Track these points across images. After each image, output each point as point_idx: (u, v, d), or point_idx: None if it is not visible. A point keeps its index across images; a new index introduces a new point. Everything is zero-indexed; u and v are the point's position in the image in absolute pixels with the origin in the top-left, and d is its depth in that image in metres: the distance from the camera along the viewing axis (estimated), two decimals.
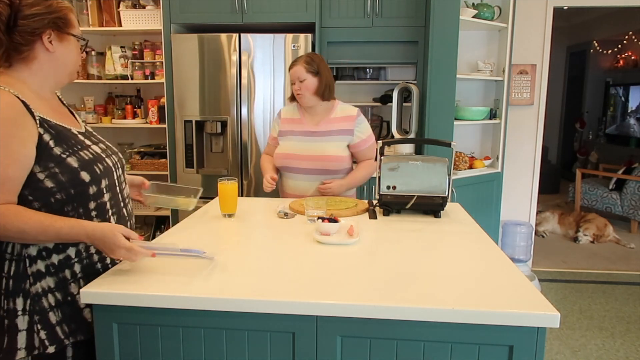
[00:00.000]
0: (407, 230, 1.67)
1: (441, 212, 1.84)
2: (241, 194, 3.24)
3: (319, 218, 1.59)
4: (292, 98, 2.23)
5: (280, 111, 2.31)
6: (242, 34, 3.11)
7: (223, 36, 3.11)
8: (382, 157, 1.85)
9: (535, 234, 4.23)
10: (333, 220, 1.58)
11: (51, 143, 1.17)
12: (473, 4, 3.29)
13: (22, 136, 1.11)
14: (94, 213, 1.25)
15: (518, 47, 3.54)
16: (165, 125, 3.32)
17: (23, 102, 1.13)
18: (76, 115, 1.38)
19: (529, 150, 3.77)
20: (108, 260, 1.30)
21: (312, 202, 1.81)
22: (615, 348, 2.71)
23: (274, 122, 2.33)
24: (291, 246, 1.49)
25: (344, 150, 2.17)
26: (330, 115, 2.19)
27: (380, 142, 1.92)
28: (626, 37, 6.87)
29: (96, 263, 1.27)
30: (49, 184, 1.16)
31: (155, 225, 3.79)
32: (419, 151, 3.20)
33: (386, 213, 1.86)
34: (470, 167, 3.39)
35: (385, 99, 3.45)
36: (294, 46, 3.08)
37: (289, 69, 2.17)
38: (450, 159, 1.87)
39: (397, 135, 3.28)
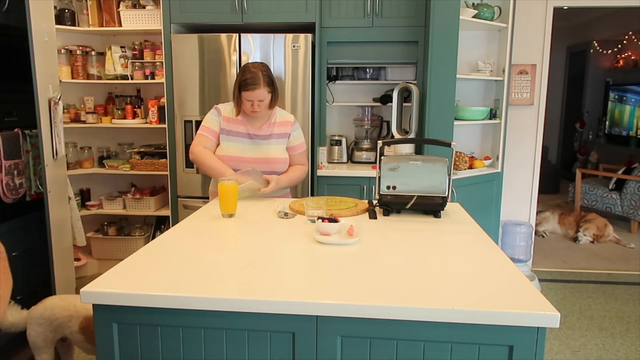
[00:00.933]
0: (407, 230, 1.67)
1: (441, 212, 1.84)
2: None
3: (319, 218, 1.60)
4: (240, 112, 2.18)
5: (219, 108, 2.23)
6: (242, 34, 3.11)
7: (223, 36, 3.11)
8: (382, 157, 1.85)
9: (535, 234, 4.23)
10: (333, 220, 1.59)
11: None
12: (473, 4, 3.28)
13: None
14: None
15: (518, 47, 3.54)
16: (165, 125, 3.32)
17: None
18: None
19: (529, 150, 3.77)
20: None
21: (312, 202, 1.81)
22: (615, 348, 2.71)
23: (211, 116, 2.21)
24: (291, 246, 1.49)
25: (284, 152, 2.23)
26: (271, 119, 2.23)
27: (380, 142, 1.92)
28: (626, 37, 6.87)
29: None
30: None
31: (155, 225, 3.79)
32: (419, 151, 3.20)
33: (386, 213, 1.86)
34: (470, 167, 3.39)
35: (385, 99, 3.45)
36: (294, 46, 3.08)
37: (247, 89, 2.07)
38: (450, 159, 1.87)
39: (397, 135, 3.28)
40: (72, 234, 2.90)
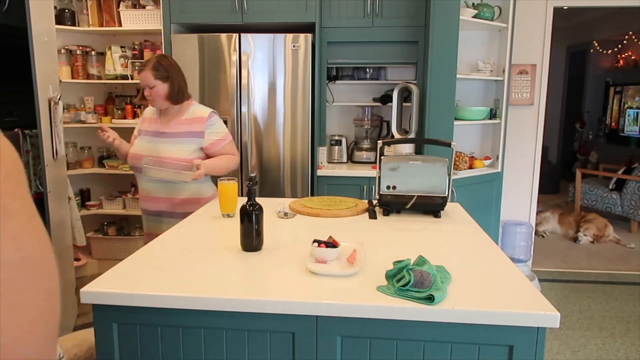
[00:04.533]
0: (407, 230, 1.67)
1: (441, 212, 1.84)
2: (241, 194, 3.24)
3: (315, 241, 1.32)
4: (143, 97, 2.15)
5: (145, 110, 2.29)
6: (242, 34, 3.11)
7: (223, 36, 3.11)
8: (382, 157, 1.85)
9: (535, 234, 4.23)
10: (331, 244, 1.30)
11: None
12: (473, 4, 3.28)
13: None
14: None
15: (518, 47, 3.54)
16: None
17: None
18: None
19: (529, 150, 3.77)
20: None
21: (310, 203, 1.80)
22: (615, 348, 2.70)
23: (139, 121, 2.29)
24: (291, 246, 1.49)
25: (191, 154, 2.08)
26: (181, 116, 2.13)
27: (380, 142, 1.92)
28: (626, 37, 6.87)
29: None
30: None
31: None
32: (419, 151, 3.20)
33: (386, 213, 1.86)
34: (470, 167, 3.39)
35: (385, 99, 3.45)
36: (294, 46, 3.08)
37: (138, 73, 2.09)
38: (450, 159, 1.87)
39: (397, 135, 3.28)
40: (72, 234, 2.90)
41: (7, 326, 0.38)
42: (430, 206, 1.84)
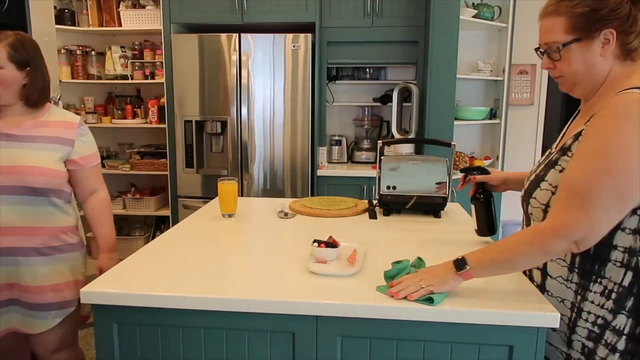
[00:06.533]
0: (407, 230, 1.67)
1: (441, 212, 1.84)
2: (241, 194, 3.24)
3: (315, 241, 1.31)
4: None
5: None
6: (242, 34, 3.11)
7: (223, 36, 3.11)
8: (382, 157, 1.85)
9: None
10: (331, 244, 1.30)
11: None
12: (473, 4, 3.29)
13: None
14: None
15: (518, 47, 3.54)
16: (165, 125, 3.32)
17: None
18: None
19: (529, 150, 3.76)
20: None
21: (310, 203, 1.80)
22: None
23: None
24: (291, 246, 1.49)
25: (56, 163, 1.54)
26: (39, 117, 1.57)
27: (380, 142, 1.92)
28: None
29: None
30: None
31: (155, 225, 3.79)
32: (419, 151, 3.20)
33: (386, 213, 1.86)
34: None
35: (385, 99, 3.45)
36: (294, 46, 3.08)
37: None
38: (450, 159, 1.87)
39: (397, 135, 3.28)
40: None
41: None
42: (430, 206, 1.84)
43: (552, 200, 1.07)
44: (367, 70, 3.55)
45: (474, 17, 3.21)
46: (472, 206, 1.52)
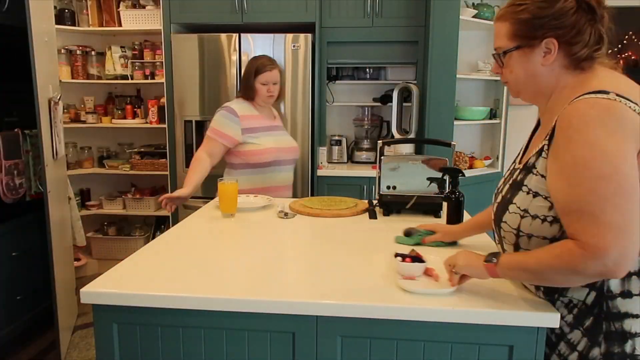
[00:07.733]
0: None
1: (441, 212, 1.84)
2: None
3: (397, 255, 1.23)
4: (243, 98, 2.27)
5: (232, 108, 2.16)
6: (242, 34, 3.11)
7: (223, 36, 3.11)
8: (382, 157, 1.85)
9: None
10: (417, 259, 1.23)
11: None
12: (473, 4, 3.28)
13: None
14: None
15: None
16: (165, 125, 3.32)
17: None
18: None
19: None
20: None
21: (310, 203, 1.81)
22: None
23: (224, 119, 2.14)
24: (291, 246, 1.49)
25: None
26: (274, 112, 2.38)
27: (380, 142, 1.92)
28: (626, 37, 6.87)
29: None
30: None
31: (155, 225, 3.79)
32: (419, 151, 3.20)
33: (386, 213, 1.86)
34: (470, 167, 3.39)
35: (385, 99, 3.45)
36: (294, 46, 3.08)
37: (264, 71, 2.15)
38: (450, 159, 1.87)
39: (397, 135, 3.28)
40: (72, 234, 2.90)
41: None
42: (430, 206, 1.84)
43: (522, 224, 1.02)
44: (367, 70, 3.55)
45: (474, 17, 3.21)
46: (445, 203, 1.71)
